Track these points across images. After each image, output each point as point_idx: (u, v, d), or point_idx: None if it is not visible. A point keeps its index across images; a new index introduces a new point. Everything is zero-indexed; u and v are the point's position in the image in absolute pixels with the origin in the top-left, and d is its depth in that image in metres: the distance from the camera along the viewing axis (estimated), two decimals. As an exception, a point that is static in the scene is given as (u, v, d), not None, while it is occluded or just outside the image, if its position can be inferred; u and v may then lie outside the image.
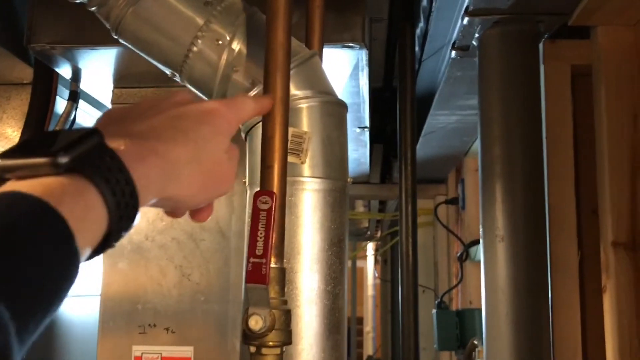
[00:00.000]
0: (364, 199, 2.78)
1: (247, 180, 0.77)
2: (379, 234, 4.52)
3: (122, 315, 1.37)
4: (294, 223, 0.70)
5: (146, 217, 1.38)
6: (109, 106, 1.49)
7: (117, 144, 0.38)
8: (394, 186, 2.56)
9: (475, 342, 1.76)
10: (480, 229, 1.10)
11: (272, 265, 0.61)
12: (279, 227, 0.62)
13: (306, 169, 0.71)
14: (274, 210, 0.58)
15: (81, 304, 1.79)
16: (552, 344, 1.05)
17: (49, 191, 0.33)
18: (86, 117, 1.70)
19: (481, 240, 1.10)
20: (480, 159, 1.12)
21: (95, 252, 0.37)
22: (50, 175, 0.34)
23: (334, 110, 0.74)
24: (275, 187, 0.61)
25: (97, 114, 1.70)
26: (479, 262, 2.02)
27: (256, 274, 0.58)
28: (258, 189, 0.62)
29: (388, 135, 2.50)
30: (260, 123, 0.64)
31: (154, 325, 1.36)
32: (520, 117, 1.09)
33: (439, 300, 1.94)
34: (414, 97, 1.35)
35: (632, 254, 1.01)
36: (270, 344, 0.59)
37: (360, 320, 8.56)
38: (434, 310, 1.89)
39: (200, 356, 1.36)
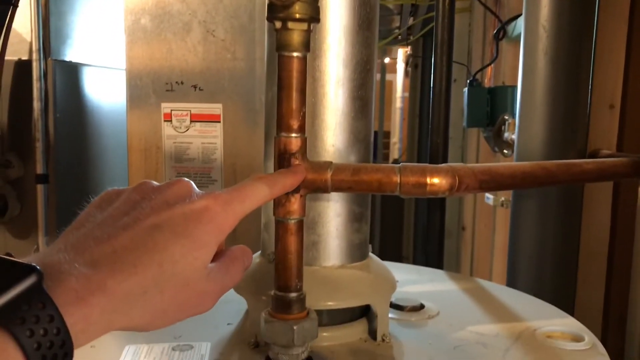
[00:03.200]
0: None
1: None
2: (410, 38, 4.35)
3: (149, 74, 1.36)
4: None
5: (165, -32, 1.30)
6: None
7: (59, 279, 0.36)
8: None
9: (506, 116, 1.73)
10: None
11: None
12: None
13: None
14: None
15: (107, 77, 1.79)
16: (590, 88, 1.01)
17: None
18: None
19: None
20: None
21: None
22: None
23: None
24: None
25: None
26: (515, 39, 1.93)
27: None
28: None
29: None
30: None
31: (182, 83, 1.35)
32: None
33: (472, 78, 1.88)
34: None
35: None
36: (297, 16, 0.55)
37: (387, 134, 8.68)
38: (466, 88, 1.85)
39: (229, 113, 1.36)
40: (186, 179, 0.47)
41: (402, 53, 6.60)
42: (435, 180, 0.57)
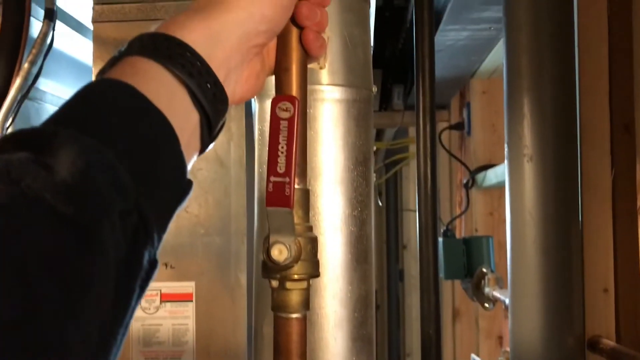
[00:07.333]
0: (361, 127, 2.68)
1: (255, 91, 0.67)
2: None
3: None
4: (313, 139, 0.60)
5: (137, 146, 1.27)
6: (90, 27, 1.35)
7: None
8: (395, 113, 2.45)
9: (484, 269, 1.70)
10: (506, 148, 1.01)
11: (296, 186, 0.51)
12: (301, 141, 0.52)
13: (325, 75, 0.61)
14: (297, 119, 0.48)
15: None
16: (582, 270, 0.98)
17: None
18: (64, 39, 1.56)
19: (506, 161, 1.01)
20: (505, 71, 1.01)
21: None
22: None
23: (355, 5, 0.63)
24: (295, 92, 0.51)
25: (77, 36, 1.56)
26: (486, 188, 1.95)
27: (279, 196, 0.48)
28: (270, 99, 0.51)
29: (387, 59, 2.37)
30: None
31: (152, 261, 1.27)
32: (550, 20, 0.98)
33: (445, 228, 1.87)
34: (432, 2, 1.20)
35: (672, 171, 0.93)
36: (296, 277, 0.50)
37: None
38: (440, 239, 1.83)
39: (202, 291, 1.28)
40: None
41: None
42: None
